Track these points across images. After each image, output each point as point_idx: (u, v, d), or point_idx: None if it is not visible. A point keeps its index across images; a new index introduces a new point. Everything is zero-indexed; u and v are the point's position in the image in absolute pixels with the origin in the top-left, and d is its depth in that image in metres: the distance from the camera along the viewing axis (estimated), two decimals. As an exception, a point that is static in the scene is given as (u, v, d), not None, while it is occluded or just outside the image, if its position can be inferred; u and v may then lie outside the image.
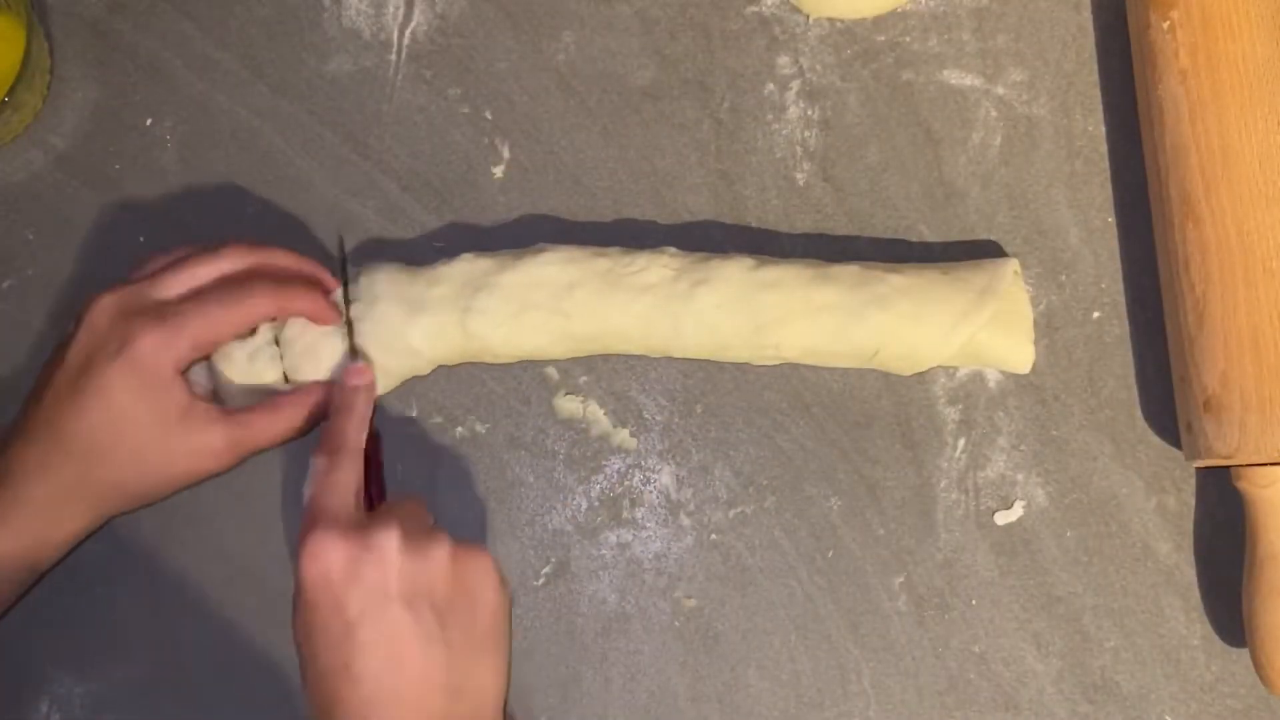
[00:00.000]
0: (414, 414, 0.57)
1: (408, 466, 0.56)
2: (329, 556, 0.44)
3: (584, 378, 0.57)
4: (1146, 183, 0.56)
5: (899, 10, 0.60)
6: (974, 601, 0.55)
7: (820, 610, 0.55)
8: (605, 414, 0.57)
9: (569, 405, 0.57)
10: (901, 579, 0.55)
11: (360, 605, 0.44)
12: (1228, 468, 0.53)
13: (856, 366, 0.55)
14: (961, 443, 0.56)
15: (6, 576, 0.49)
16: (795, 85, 0.59)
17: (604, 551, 0.56)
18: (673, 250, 0.55)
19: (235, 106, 0.60)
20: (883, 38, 0.59)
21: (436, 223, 0.59)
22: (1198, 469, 0.56)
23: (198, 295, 0.51)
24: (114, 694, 0.54)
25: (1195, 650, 0.55)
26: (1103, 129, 0.59)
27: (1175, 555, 0.55)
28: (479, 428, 0.57)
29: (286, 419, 0.52)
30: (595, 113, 0.59)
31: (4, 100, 0.56)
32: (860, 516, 0.56)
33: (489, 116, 0.60)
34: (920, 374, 0.56)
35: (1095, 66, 0.59)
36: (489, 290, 0.53)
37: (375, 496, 0.52)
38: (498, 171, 0.59)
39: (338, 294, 0.54)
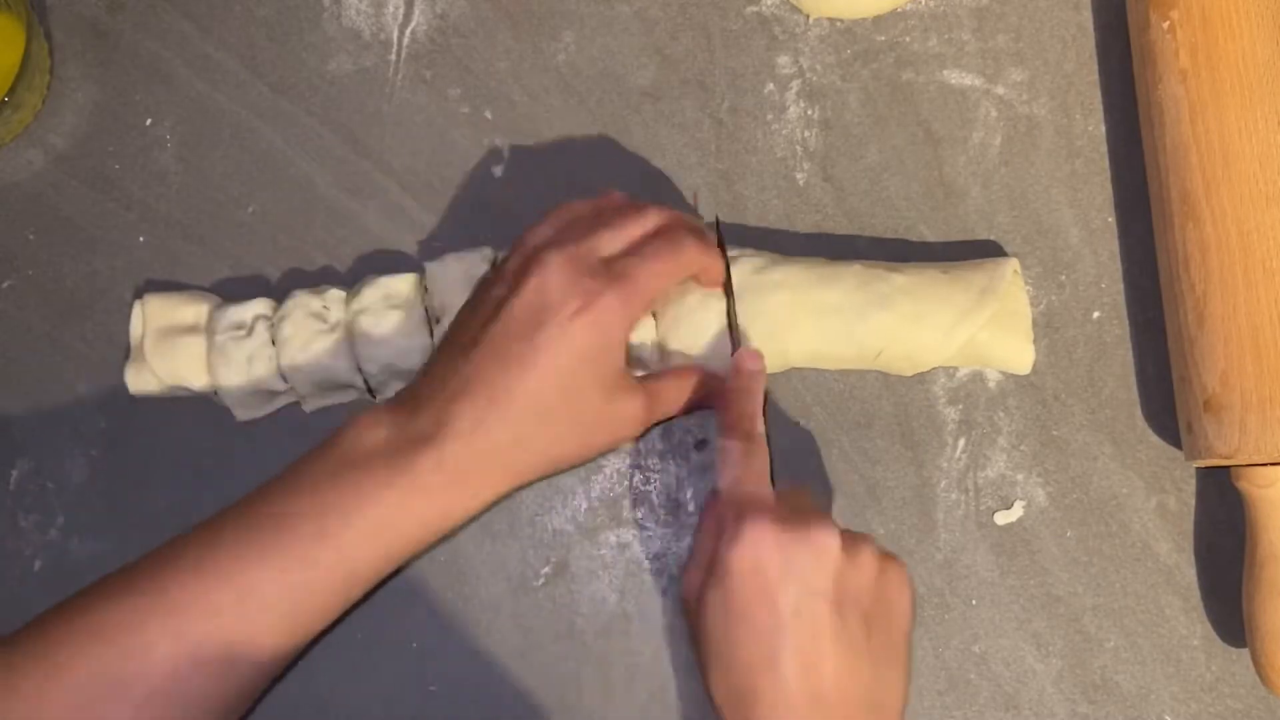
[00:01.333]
0: (414, 414, 0.57)
1: (408, 466, 0.56)
2: (764, 547, 0.43)
3: (584, 378, 0.57)
4: (1146, 183, 0.56)
5: (899, 10, 0.60)
6: (974, 601, 0.55)
7: (820, 610, 0.55)
8: (605, 414, 0.57)
9: (569, 405, 0.57)
10: (901, 579, 0.55)
11: (794, 601, 0.43)
12: (1228, 468, 0.53)
13: (860, 368, 0.55)
14: (961, 443, 0.56)
15: (407, 548, 0.46)
16: (795, 85, 0.59)
17: (604, 551, 0.56)
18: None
19: (235, 106, 0.60)
20: (883, 38, 0.59)
21: (436, 223, 0.59)
22: (1198, 469, 0.56)
23: (637, 252, 0.49)
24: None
25: (1195, 650, 0.55)
26: (1103, 129, 0.59)
27: (1175, 555, 0.55)
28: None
29: (690, 389, 0.51)
30: (595, 113, 0.59)
31: (4, 100, 0.56)
32: (860, 516, 0.56)
33: (489, 116, 0.60)
34: (920, 374, 0.56)
35: (1095, 66, 0.59)
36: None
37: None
38: (498, 171, 0.59)
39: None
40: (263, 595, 0.44)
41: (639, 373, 0.53)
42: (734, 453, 0.48)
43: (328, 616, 0.46)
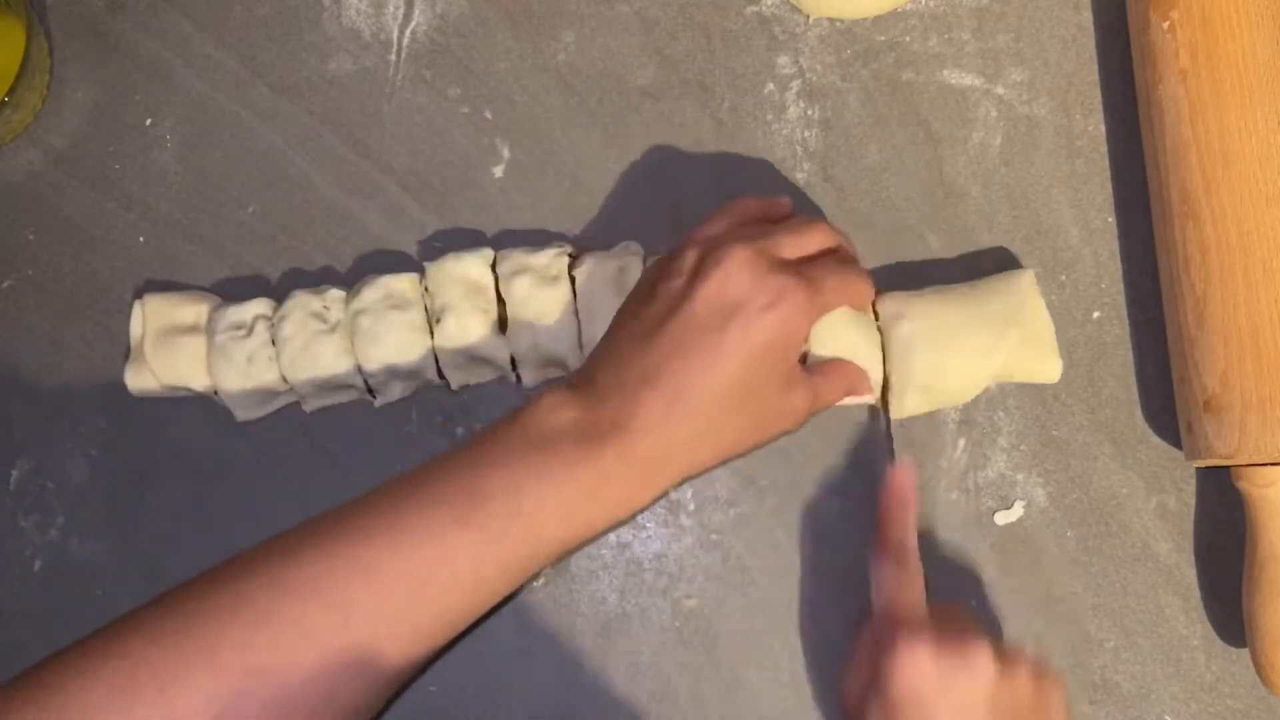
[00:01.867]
0: (413, 415, 0.57)
1: (409, 467, 0.56)
2: (921, 668, 0.45)
3: (584, 378, 0.57)
4: (1146, 183, 0.56)
5: (899, 10, 0.60)
6: (974, 601, 0.55)
7: (820, 610, 0.55)
8: (605, 414, 0.57)
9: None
10: (901, 579, 0.55)
11: (948, 718, 0.45)
12: (1228, 468, 0.53)
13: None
14: (961, 443, 0.56)
15: (586, 533, 0.46)
16: (795, 85, 0.59)
17: (604, 551, 0.56)
18: None
19: (235, 106, 0.60)
20: (883, 38, 0.59)
21: (436, 223, 0.59)
22: (1198, 469, 0.56)
23: (818, 262, 0.50)
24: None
25: (1195, 650, 0.55)
26: (1103, 129, 0.59)
27: (1175, 555, 0.55)
28: (479, 428, 0.56)
29: (846, 382, 0.52)
30: (595, 113, 0.59)
31: (4, 100, 0.56)
32: (860, 516, 0.56)
33: (489, 116, 0.60)
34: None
35: (1095, 66, 0.59)
36: None
37: None
38: (498, 171, 0.59)
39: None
40: (455, 565, 0.44)
41: None
42: (885, 572, 0.50)
43: (504, 591, 0.46)
